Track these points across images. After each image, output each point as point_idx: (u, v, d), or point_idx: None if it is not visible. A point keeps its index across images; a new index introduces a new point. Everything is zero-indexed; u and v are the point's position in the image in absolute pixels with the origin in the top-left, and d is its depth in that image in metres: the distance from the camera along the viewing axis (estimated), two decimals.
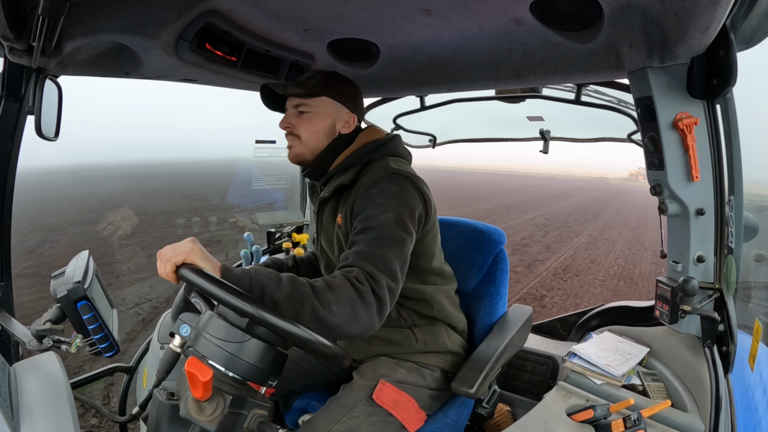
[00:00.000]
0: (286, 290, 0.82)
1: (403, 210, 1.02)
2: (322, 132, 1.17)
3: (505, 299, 1.39)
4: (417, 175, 1.13)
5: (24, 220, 10.88)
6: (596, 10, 1.02)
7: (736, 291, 1.15)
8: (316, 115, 1.16)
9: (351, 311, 0.85)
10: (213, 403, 0.67)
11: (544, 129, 2.00)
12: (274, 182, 2.25)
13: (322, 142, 1.17)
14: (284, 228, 2.14)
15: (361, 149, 1.17)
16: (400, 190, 1.05)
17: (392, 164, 1.12)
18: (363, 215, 1.02)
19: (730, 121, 1.10)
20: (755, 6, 0.94)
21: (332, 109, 1.17)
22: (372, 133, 1.22)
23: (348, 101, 1.19)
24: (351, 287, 0.87)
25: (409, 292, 1.17)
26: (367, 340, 1.22)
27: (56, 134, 1.15)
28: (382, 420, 1.06)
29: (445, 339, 1.23)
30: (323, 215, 1.23)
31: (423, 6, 1.14)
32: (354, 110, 1.20)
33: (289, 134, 1.18)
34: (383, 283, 0.91)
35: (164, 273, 0.79)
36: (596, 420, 1.01)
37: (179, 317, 0.80)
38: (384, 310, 0.90)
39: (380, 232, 0.98)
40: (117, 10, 1.03)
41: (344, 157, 1.17)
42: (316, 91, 1.15)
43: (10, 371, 0.79)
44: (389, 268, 0.93)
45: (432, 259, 1.20)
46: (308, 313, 0.82)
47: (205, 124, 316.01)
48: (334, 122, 1.17)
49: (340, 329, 0.85)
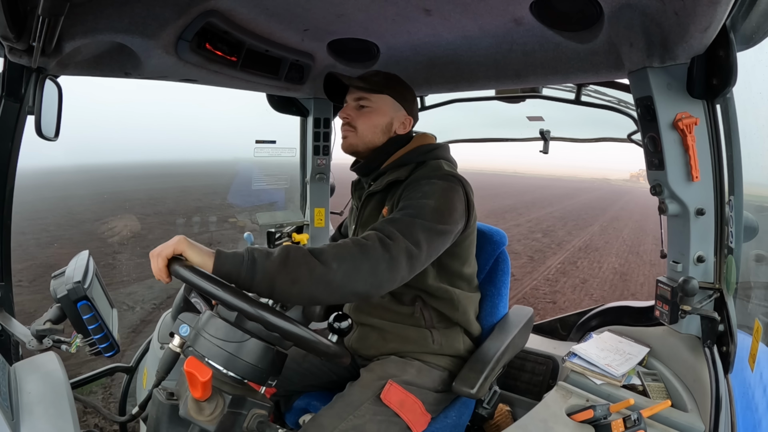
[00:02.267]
0: (279, 258, 0.81)
1: (446, 203, 1.03)
2: (379, 128, 1.20)
3: (506, 300, 1.39)
4: (467, 181, 1.15)
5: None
6: (596, 10, 1.02)
7: (736, 291, 1.15)
8: (375, 110, 1.19)
9: (353, 266, 0.84)
10: (212, 403, 0.67)
11: (544, 129, 2.00)
12: (274, 182, 2.25)
13: (377, 137, 1.21)
14: (284, 228, 2.14)
15: (417, 149, 1.21)
16: (448, 187, 1.07)
17: (445, 166, 1.16)
18: (406, 198, 1.05)
19: (730, 121, 1.10)
20: (755, 6, 0.94)
21: (391, 108, 1.21)
22: (426, 137, 1.27)
23: (406, 103, 1.23)
24: (352, 244, 0.86)
25: (438, 292, 1.18)
26: (382, 336, 1.22)
27: (56, 134, 1.15)
28: (387, 420, 1.05)
29: (459, 344, 1.23)
30: (367, 208, 1.25)
31: (423, 6, 1.14)
32: (411, 113, 1.25)
33: (346, 124, 1.21)
34: (401, 243, 0.89)
35: (157, 268, 0.78)
36: (596, 420, 1.00)
37: (179, 317, 0.80)
38: (396, 268, 0.88)
39: (416, 210, 0.98)
40: (117, 10, 1.03)
41: (400, 155, 1.21)
42: (379, 89, 1.19)
43: (10, 371, 0.79)
44: (413, 235, 0.92)
45: (465, 264, 1.21)
46: (307, 274, 0.80)
47: (215, 124, 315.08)
48: (391, 121, 1.21)
49: (344, 286, 0.83)
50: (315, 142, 2.06)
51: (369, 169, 1.25)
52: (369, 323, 1.24)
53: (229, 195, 14.98)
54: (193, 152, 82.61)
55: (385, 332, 1.21)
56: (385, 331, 1.21)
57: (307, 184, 2.17)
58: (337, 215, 2.38)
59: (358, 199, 1.32)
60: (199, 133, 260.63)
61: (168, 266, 0.77)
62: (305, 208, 2.24)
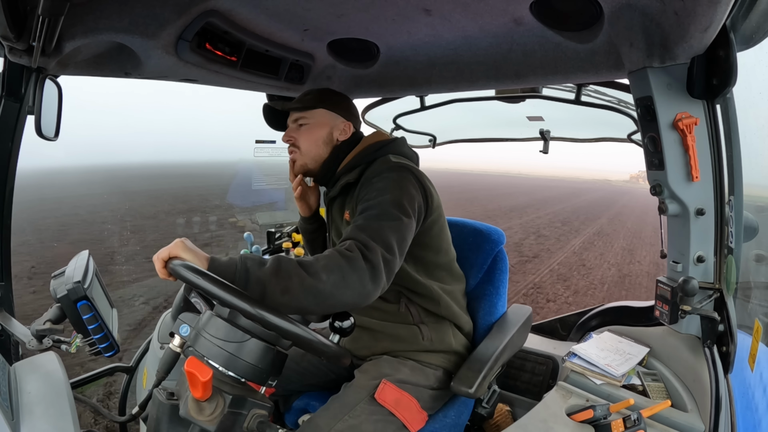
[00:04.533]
0: (270, 268, 0.85)
1: (402, 194, 1.06)
2: (320, 140, 1.25)
3: (504, 299, 1.39)
4: (418, 169, 1.18)
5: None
6: (596, 10, 1.02)
7: (736, 291, 1.15)
8: (313, 125, 1.25)
9: (341, 278, 0.87)
10: (213, 403, 0.67)
11: (544, 129, 2.00)
12: (274, 182, 2.25)
13: (322, 150, 1.25)
14: (284, 228, 2.14)
15: (365, 150, 1.24)
16: (399, 178, 1.10)
17: (393, 159, 1.18)
18: (363, 200, 1.08)
19: (730, 121, 1.10)
20: (755, 6, 0.94)
21: (328, 119, 1.25)
22: (377, 135, 1.30)
23: (342, 111, 1.27)
24: (339, 256, 0.90)
25: (418, 287, 1.19)
26: (373, 336, 1.23)
27: (56, 134, 1.15)
28: (383, 419, 1.06)
29: (450, 338, 1.23)
30: (333, 213, 1.31)
31: (423, 6, 1.14)
32: (348, 119, 1.28)
33: (291, 146, 1.26)
34: (377, 252, 0.93)
35: (157, 270, 0.84)
36: (596, 420, 1.01)
37: (179, 317, 0.80)
38: (378, 278, 0.92)
39: (377, 209, 1.02)
40: (117, 10, 1.03)
41: (349, 159, 1.24)
42: (313, 104, 1.25)
43: (10, 371, 0.79)
44: (384, 240, 0.96)
45: (439, 253, 1.23)
46: (297, 285, 0.84)
47: (220, 126, 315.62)
48: (331, 130, 1.26)
49: (333, 297, 0.87)
50: None
51: (325, 179, 1.28)
52: (360, 323, 1.24)
53: (228, 195, 15.15)
54: (215, 153, 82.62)
55: (376, 332, 1.23)
56: (376, 331, 1.23)
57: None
58: None
59: (327, 206, 1.37)
60: (216, 136, 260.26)
61: (165, 266, 0.82)
62: None
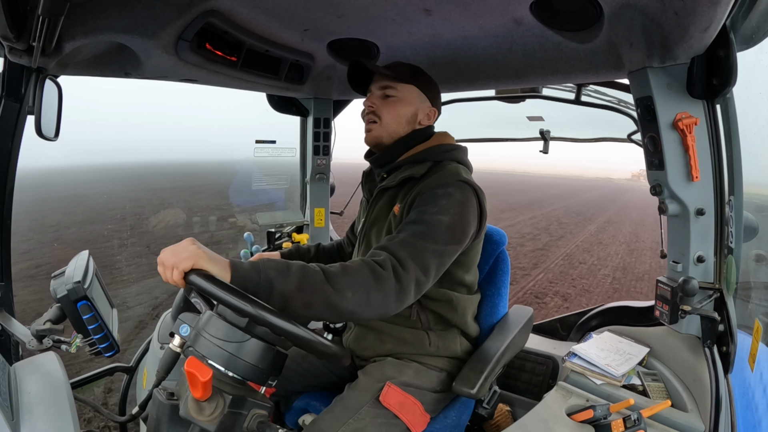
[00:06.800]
0: (295, 280, 0.81)
1: (460, 220, 1.02)
2: (404, 118, 1.18)
3: (506, 300, 1.39)
4: (481, 189, 1.13)
5: None
6: (596, 10, 1.02)
7: (736, 291, 1.15)
8: (401, 100, 1.17)
9: (366, 297, 0.85)
10: (213, 403, 0.67)
11: (544, 129, 2.00)
12: (274, 182, 2.25)
13: (402, 128, 1.18)
14: (284, 228, 2.15)
15: (437, 147, 1.18)
16: (463, 200, 1.05)
17: (463, 173, 1.13)
18: (420, 209, 1.02)
19: (730, 121, 1.10)
20: (755, 6, 0.94)
21: (417, 99, 1.19)
22: (447, 136, 1.25)
23: (431, 95, 1.21)
24: (369, 272, 0.87)
25: (435, 294, 1.16)
26: (378, 337, 1.22)
27: (56, 134, 1.15)
28: (387, 422, 1.05)
29: (456, 346, 1.22)
30: (378, 203, 1.23)
31: (423, 6, 1.14)
32: (435, 105, 1.22)
33: (370, 114, 1.18)
34: (412, 273, 0.90)
35: (171, 280, 0.76)
36: (596, 420, 1.00)
37: (179, 317, 0.80)
38: (404, 298, 0.90)
39: (429, 228, 0.98)
40: (117, 10, 1.03)
41: (418, 150, 1.18)
42: (406, 78, 1.17)
43: (10, 371, 0.79)
44: (424, 262, 0.93)
45: (468, 272, 1.20)
46: (320, 301, 0.82)
47: (225, 125, 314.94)
48: (416, 111, 1.19)
49: (352, 315, 0.85)
50: (315, 142, 2.07)
51: (384, 160, 1.22)
52: (366, 324, 1.23)
53: (229, 195, 15.15)
54: (223, 153, 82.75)
55: (382, 333, 1.21)
56: (382, 332, 1.21)
57: (307, 184, 2.18)
58: (336, 215, 2.38)
59: (369, 192, 1.30)
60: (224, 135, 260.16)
61: (185, 277, 0.75)
62: (305, 208, 2.24)
